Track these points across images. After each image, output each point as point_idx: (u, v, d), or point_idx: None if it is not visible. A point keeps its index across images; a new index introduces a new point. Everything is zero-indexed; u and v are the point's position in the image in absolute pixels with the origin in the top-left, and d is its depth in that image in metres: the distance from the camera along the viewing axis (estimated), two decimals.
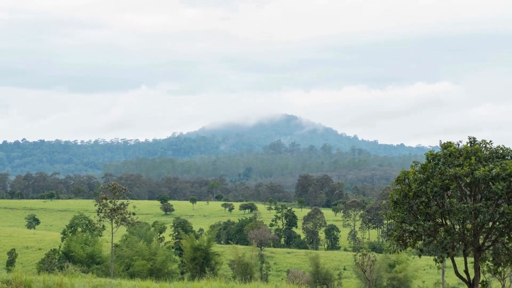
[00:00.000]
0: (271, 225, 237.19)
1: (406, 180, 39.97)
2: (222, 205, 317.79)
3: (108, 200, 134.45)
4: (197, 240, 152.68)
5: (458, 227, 39.29)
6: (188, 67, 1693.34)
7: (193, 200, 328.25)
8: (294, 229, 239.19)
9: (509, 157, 39.28)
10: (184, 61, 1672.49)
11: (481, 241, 39.60)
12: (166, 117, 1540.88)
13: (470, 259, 40.06)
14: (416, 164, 40.44)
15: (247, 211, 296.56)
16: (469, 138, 40.00)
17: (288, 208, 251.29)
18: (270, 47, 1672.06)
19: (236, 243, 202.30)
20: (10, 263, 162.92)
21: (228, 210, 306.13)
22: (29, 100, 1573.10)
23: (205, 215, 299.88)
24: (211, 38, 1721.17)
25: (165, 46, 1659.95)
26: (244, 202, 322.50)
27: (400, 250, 41.60)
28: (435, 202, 39.05)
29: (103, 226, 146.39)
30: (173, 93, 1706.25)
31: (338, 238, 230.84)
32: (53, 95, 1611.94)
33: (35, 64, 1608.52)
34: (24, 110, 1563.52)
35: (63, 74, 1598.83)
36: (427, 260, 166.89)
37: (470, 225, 38.94)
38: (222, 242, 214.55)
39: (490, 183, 37.70)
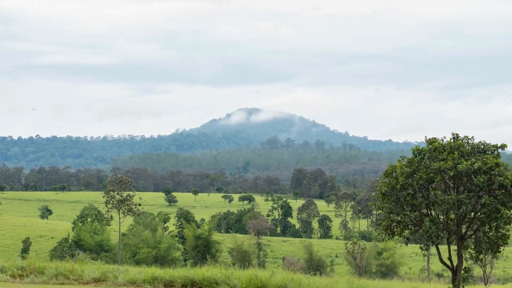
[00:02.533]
0: (268, 215, 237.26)
1: (394, 174, 39.92)
2: (222, 196, 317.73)
3: (116, 192, 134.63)
4: (198, 230, 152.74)
5: (442, 217, 39.27)
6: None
7: (195, 192, 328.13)
8: (289, 219, 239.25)
9: (489, 152, 39.26)
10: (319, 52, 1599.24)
11: (463, 230, 39.59)
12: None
13: (454, 247, 40.05)
14: (403, 159, 40.41)
15: (245, 202, 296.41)
16: (453, 134, 39.99)
17: (284, 199, 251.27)
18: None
19: (235, 232, 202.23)
20: (25, 250, 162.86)
21: (228, 201, 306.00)
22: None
23: (206, 206, 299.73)
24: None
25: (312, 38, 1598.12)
26: (243, 194, 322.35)
27: (388, 239, 41.55)
28: (421, 194, 39.04)
29: (111, 216, 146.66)
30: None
31: (330, 227, 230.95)
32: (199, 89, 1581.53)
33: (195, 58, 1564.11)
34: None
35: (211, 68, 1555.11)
36: (413, 248, 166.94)
37: (454, 216, 38.94)
38: (222, 231, 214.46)
39: (472, 176, 37.70)
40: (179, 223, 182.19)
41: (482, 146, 39.44)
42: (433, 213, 39.44)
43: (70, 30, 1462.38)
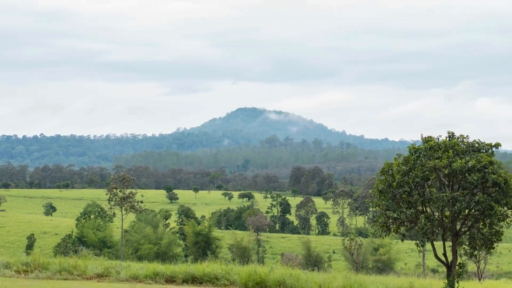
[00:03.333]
0: (267, 212, 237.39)
1: (390, 171, 39.89)
2: (222, 194, 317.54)
3: (118, 190, 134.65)
4: (199, 226, 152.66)
5: (437, 214, 39.27)
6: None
7: (196, 190, 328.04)
8: (288, 216, 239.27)
9: (483, 151, 39.26)
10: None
11: (458, 227, 39.61)
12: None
13: (448, 243, 40.04)
14: (399, 157, 40.39)
15: (245, 199, 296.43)
16: (448, 133, 39.99)
17: (283, 197, 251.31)
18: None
19: (235, 229, 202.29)
20: (29, 247, 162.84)
21: (228, 199, 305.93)
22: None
23: (206, 203, 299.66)
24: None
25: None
26: (243, 191, 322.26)
27: (385, 235, 41.55)
28: (417, 192, 39.03)
29: (114, 213, 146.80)
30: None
31: (328, 224, 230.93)
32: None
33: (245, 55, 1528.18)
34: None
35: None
36: (409, 244, 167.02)
37: (448, 213, 38.94)
38: (222, 227, 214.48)
39: (467, 174, 37.70)
40: (180, 219, 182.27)
41: (477, 145, 39.46)
42: (429, 210, 39.44)
43: (118, 28, 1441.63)
